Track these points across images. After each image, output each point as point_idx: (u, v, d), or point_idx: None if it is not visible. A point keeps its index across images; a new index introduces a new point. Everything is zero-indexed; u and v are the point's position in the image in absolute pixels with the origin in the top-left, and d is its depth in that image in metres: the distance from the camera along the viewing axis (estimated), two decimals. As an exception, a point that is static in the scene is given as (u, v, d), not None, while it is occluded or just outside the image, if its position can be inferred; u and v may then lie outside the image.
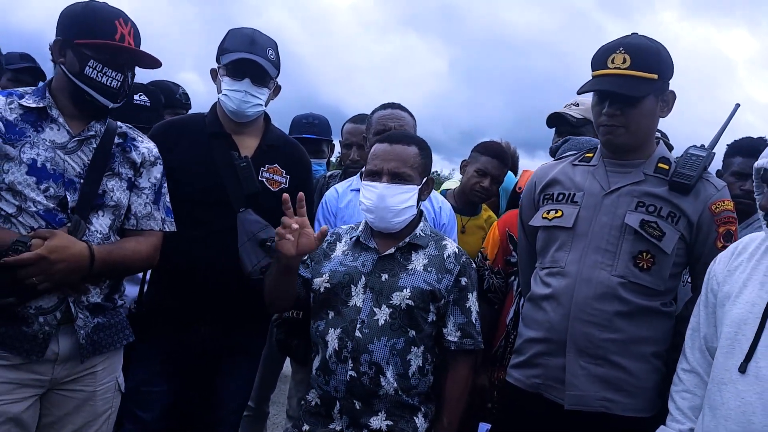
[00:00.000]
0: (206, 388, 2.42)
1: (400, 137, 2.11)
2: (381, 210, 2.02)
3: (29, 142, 1.84)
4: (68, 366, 1.91)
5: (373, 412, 1.97)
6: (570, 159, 2.20)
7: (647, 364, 1.94)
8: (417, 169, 2.07)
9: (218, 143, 2.35)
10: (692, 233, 1.95)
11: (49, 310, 1.84)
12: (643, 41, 1.98)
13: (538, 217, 2.13)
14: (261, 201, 2.33)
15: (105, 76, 1.89)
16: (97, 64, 1.88)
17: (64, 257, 1.78)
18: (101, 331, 1.98)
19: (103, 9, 1.92)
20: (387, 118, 2.64)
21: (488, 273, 2.58)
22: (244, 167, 2.31)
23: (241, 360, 2.44)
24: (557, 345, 1.97)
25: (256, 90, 2.32)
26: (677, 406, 1.76)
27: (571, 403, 1.93)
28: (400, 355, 1.97)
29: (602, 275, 1.94)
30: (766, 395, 1.50)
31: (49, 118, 1.90)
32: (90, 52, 1.87)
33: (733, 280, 1.69)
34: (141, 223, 2.06)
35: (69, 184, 1.88)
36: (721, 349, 1.64)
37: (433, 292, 2.01)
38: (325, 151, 3.68)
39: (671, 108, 2.05)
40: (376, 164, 2.04)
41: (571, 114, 2.92)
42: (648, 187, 1.98)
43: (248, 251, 2.23)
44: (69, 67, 1.89)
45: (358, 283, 2.02)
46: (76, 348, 1.91)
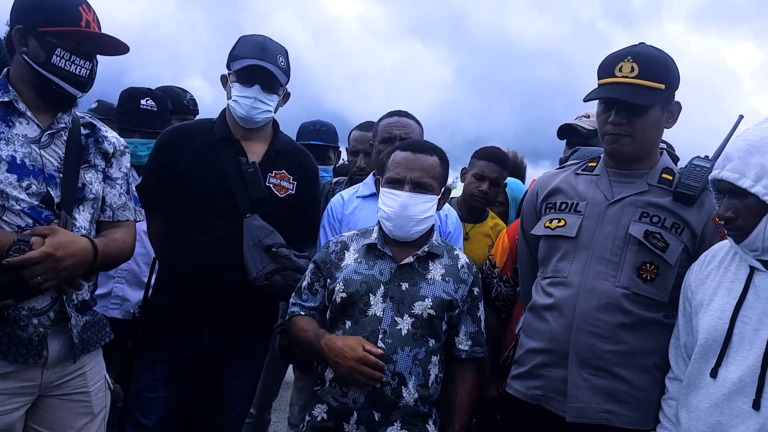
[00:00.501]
0: (211, 392, 2.42)
1: (423, 146, 2.12)
2: (402, 219, 2.03)
3: (4, 138, 1.77)
4: (57, 369, 1.88)
5: (389, 423, 1.97)
6: (573, 168, 2.18)
7: (649, 377, 1.92)
8: (437, 179, 2.09)
9: (227, 149, 2.37)
10: (696, 244, 1.94)
11: (42, 311, 1.80)
12: (652, 51, 1.98)
13: (540, 226, 2.12)
14: (268, 207, 2.34)
15: (73, 65, 1.82)
16: (65, 52, 1.80)
17: (71, 253, 1.75)
18: (89, 329, 1.96)
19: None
20: (393, 125, 2.64)
21: (497, 281, 2.56)
22: (252, 173, 2.32)
23: (245, 365, 2.44)
24: (559, 356, 1.95)
25: (265, 96, 2.34)
26: (665, 413, 1.83)
27: (573, 416, 1.91)
28: (422, 365, 1.98)
29: (606, 286, 1.92)
30: (732, 396, 1.59)
31: (17, 112, 1.83)
32: (56, 40, 1.79)
33: (705, 288, 1.75)
34: (117, 214, 2.04)
35: (50, 180, 1.83)
36: (696, 355, 1.71)
37: (451, 301, 2.04)
38: (332, 157, 3.70)
39: (676, 119, 2.04)
40: (399, 172, 2.05)
41: (582, 125, 2.92)
42: (652, 197, 1.96)
43: (254, 257, 2.24)
44: (33, 57, 1.80)
45: (376, 291, 2.02)
46: (66, 349, 1.88)
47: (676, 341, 1.85)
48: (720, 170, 1.63)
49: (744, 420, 1.56)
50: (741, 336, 1.62)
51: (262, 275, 2.22)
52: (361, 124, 3.25)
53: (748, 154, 1.58)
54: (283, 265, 2.25)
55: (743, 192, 1.59)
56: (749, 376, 1.58)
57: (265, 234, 2.27)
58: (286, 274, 2.25)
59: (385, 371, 1.93)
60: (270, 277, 2.21)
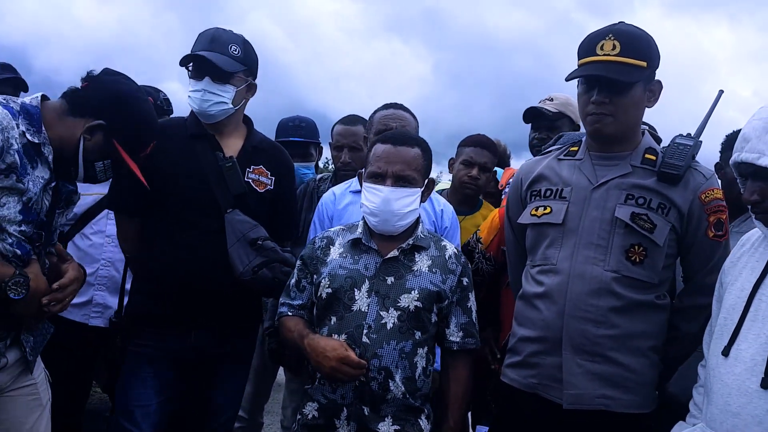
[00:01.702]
0: (199, 398, 2.37)
1: (403, 138, 2.08)
2: (386, 213, 2.00)
3: (31, 179, 1.79)
4: (10, 371, 1.88)
5: (380, 418, 1.95)
6: (555, 154, 2.17)
7: (645, 359, 1.92)
8: (420, 171, 2.05)
9: (202, 145, 2.31)
10: (683, 223, 1.93)
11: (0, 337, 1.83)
12: (633, 29, 1.96)
13: (526, 215, 2.10)
14: (247, 202, 2.29)
15: (102, 173, 1.95)
16: (108, 162, 1.94)
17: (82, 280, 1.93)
18: (36, 336, 1.97)
19: (151, 128, 2.00)
20: (389, 118, 2.61)
21: (479, 256, 2.55)
22: (230, 167, 2.27)
23: (233, 368, 2.40)
24: (553, 343, 1.94)
25: (216, 88, 2.26)
26: (694, 401, 1.76)
27: (570, 402, 1.91)
28: (408, 358, 1.96)
29: (595, 270, 1.91)
30: (742, 376, 1.51)
31: (41, 155, 1.84)
32: (115, 153, 1.91)
33: (734, 270, 1.69)
34: None
35: (40, 224, 1.87)
36: (714, 335, 1.65)
37: (439, 293, 2.01)
38: (313, 154, 3.63)
39: (657, 98, 2.02)
40: (380, 166, 2.01)
41: (547, 108, 2.92)
42: (636, 179, 1.95)
43: (239, 252, 2.19)
44: (87, 148, 1.88)
45: (361, 286, 1.99)
46: (22, 359, 1.91)
47: (709, 328, 1.77)
48: (739, 153, 1.57)
49: (752, 400, 1.48)
50: (755, 313, 1.55)
51: (249, 269, 2.17)
52: (343, 118, 3.18)
53: (766, 132, 1.52)
54: (269, 257, 2.20)
55: (766, 171, 1.52)
56: (760, 354, 1.49)
57: (248, 228, 2.22)
58: (273, 267, 2.21)
59: (371, 365, 1.92)
60: (257, 270, 2.17)
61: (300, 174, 3.46)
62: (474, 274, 2.47)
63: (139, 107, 1.95)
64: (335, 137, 3.12)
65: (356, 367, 1.89)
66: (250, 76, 2.37)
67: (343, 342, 1.93)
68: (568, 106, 2.95)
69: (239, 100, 2.33)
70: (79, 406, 2.98)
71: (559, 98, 2.98)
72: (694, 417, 1.73)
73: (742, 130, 1.61)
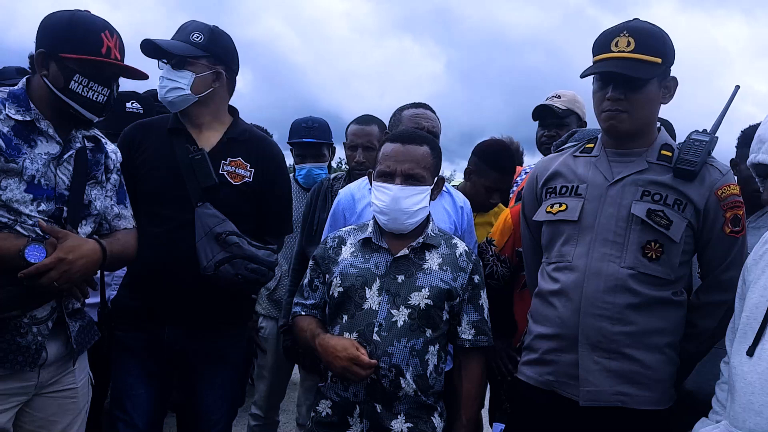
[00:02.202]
0: (189, 401, 2.37)
1: (412, 137, 2.08)
2: (395, 212, 2.00)
3: (28, 157, 1.82)
4: (51, 369, 1.92)
5: (393, 415, 1.95)
6: (570, 150, 2.16)
7: (662, 356, 1.91)
8: (429, 169, 2.05)
9: (178, 139, 2.31)
10: (699, 220, 1.92)
11: (42, 319, 1.85)
12: (647, 25, 1.96)
13: (541, 212, 2.10)
14: (221, 194, 2.26)
15: (91, 91, 1.86)
16: (83, 78, 1.84)
17: (82, 254, 1.82)
18: (82, 332, 2.01)
19: (88, 20, 1.87)
20: (421, 117, 2.61)
21: (493, 259, 2.54)
22: (199, 160, 2.25)
23: (217, 368, 2.36)
24: (569, 341, 1.94)
25: (174, 74, 2.24)
26: (717, 398, 1.75)
27: (587, 399, 1.90)
28: (419, 356, 1.96)
29: (611, 267, 1.91)
30: (765, 375, 1.49)
31: (37, 131, 1.87)
32: (75, 66, 1.83)
33: (757, 269, 1.67)
34: (113, 224, 2.10)
35: (59, 198, 1.88)
36: (738, 333, 1.63)
37: (449, 291, 2.01)
38: (326, 154, 3.64)
39: (673, 95, 2.02)
40: (389, 165, 2.02)
41: (556, 105, 2.93)
42: (652, 175, 1.95)
43: (204, 246, 2.17)
44: (53, 81, 1.85)
45: (372, 285, 2.00)
46: (63, 352, 1.93)
47: (732, 325, 1.76)
48: (756, 154, 1.57)
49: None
50: None
51: (212, 264, 2.14)
52: (358, 118, 3.19)
53: None
54: (232, 252, 2.16)
55: None
56: None
57: (215, 222, 2.19)
58: (236, 263, 2.16)
59: (382, 363, 1.93)
60: (219, 265, 2.14)
61: (313, 174, 3.48)
62: (488, 278, 2.45)
63: (61, 16, 1.87)
64: (350, 137, 3.13)
65: (366, 366, 1.90)
66: (219, 65, 2.31)
67: (353, 341, 1.94)
68: (575, 102, 2.96)
69: (201, 88, 2.28)
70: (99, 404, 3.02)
71: (566, 95, 2.99)
72: (717, 414, 1.71)
73: (758, 131, 1.60)
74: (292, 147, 3.64)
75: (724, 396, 1.70)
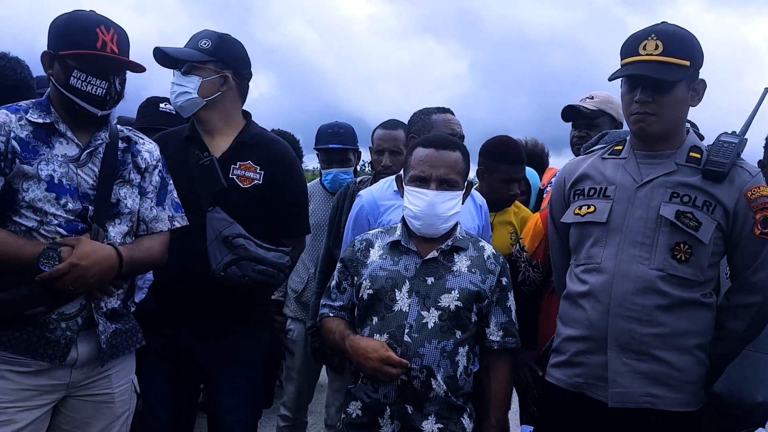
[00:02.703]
0: (210, 401, 2.44)
1: (445, 142, 2.11)
2: (430, 217, 2.02)
3: (44, 159, 1.88)
4: (85, 370, 1.96)
5: (423, 416, 1.98)
6: (599, 153, 2.17)
7: (691, 357, 1.91)
8: (461, 174, 2.08)
9: (192, 146, 2.38)
10: (729, 221, 1.91)
11: (71, 315, 1.89)
12: (675, 28, 1.96)
13: (569, 214, 2.11)
14: (231, 198, 2.32)
15: (90, 85, 1.89)
16: (81, 73, 1.88)
17: (95, 261, 1.84)
18: (118, 336, 2.03)
19: (84, 17, 1.92)
20: (453, 123, 2.65)
21: (525, 265, 2.54)
22: (207, 165, 2.32)
23: (232, 369, 2.40)
24: (598, 342, 1.94)
25: (182, 79, 2.33)
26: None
27: (615, 401, 1.91)
28: (449, 357, 1.98)
29: (640, 269, 1.91)
30: None
31: (57, 133, 1.93)
32: (73, 62, 1.88)
33: None
34: (150, 226, 2.12)
35: (84, 197, 1.93)
36: None
37: (478, 293, 2.03)
38: (352, 159, 3.67)
39: (701, 97, 2.02)
40: (424, 170, 2.04)
41: (585, 106, 2.92)
42: (681, 177, 1.95)
43: (214, 250, 2.22)
44: (56, 79, 1.91)
45: (402, 287, 2.03)
46: (95, 353, 1.96)
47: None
48: None
49: None
50: None
51: (220, 267, 2.20)
52: (384, 123, 3.23)
53: None
54: (239, 254, 2.20)
55: None
56: None
57: (224, 226, 2.25)
58: (242, 265, 2.20)
59: (413, 364, 1.95)
60: (226, 268, 2.18)
61: (339, 179, 3.52)
62: (521, 284, 2.47)
63: (60, 17, 1.93)
64: (376, 141, 3.17)
65: (398, 365, 1.92)
66: (226, 69, 2.38)
67: (383, 342, 1.96)
68: (609, 103, 2.94)
69: (209, 92, 2.34)
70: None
71: (599, 96, 2.97)
72: None
73: None
74: (319, 152, 3.68)
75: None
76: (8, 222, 1.84)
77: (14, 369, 1.84)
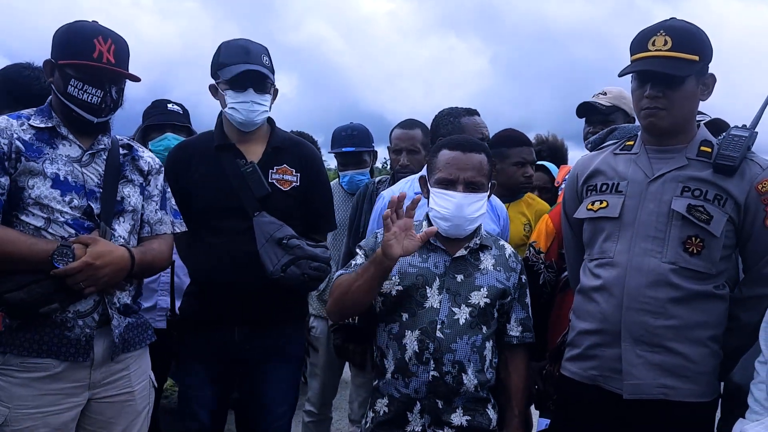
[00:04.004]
0: (250, 397, 2.50)
1: (471, 145, 2.14)
2: (458, 218, 2.06)
3: (48, 158, 1.94)
4: (103, 369, 2.01)
5: (452, 409, 2.03)
6: (611, 148, 2.20)
7: (705, 349, 1.93)
8: (486, 176, 2.12)
9: (226, 155, 2.44)
10: (740, 214, 1.93)
11: (86, 312, 1.95)
12: (684, 24, 1.98)
13: (582, 209, 2.14)
14: (274, 202, 2.40)
15: (86, 94, 1.95)
16: (78, 82, 1.95)
17: (109, 261, 1.91)
18: (131, 330, 2.10)
19: (83, 28, 1.98)
20: (481, 126, 2.70)
21: (542, 267, 2.56)
22: (251, 172, 2.39)
23: (279, 363, 2.49)
24: (612, 335, 1.97)
25: (259, 98, 2.40)
26: (755, 398, 1.75)
27: (630, 393, 1.94)
28: (479, 352, 2.05)
29: (652, 263, 1.94)
30: None
31: (60, 136, 1.99)
32: (71, 71, 1.94)
33: None
34: (154, 228, 2.19)
35: (90, 194, 1.98)
36: None
37: (504, 290, 2.10)
38: (367, 160, 3.69)
39: (711, 91, 2.03)
40: (452, 173, 2.07)
41: (600, 102, 2.93)
42: (692, 171, 1.97)
43: (268, 252, 2.30)
44: (56, 86, 1.98)
45: (432, 284, 2.08)
46: (110, 349, 2.01)
47: (766, 324, 1.77)
48: None
49: None
50: None
51: (279, 268, 2.28)
52: (402, 122, 3.26)
53: None
54: (296, 255, 2.31)
55: None
56: None
57: (275, 229, 2.33)
58: (301, 263, 2.31)
59: (445, 360, 2.00)
60: (286, 268, 2.28)
61: (356, 181, 3.56)
62: (543, 288, 2.50)
63: (62, 28, 2.00)
64: (394, 141, 3.21)
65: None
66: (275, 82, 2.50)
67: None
68: (622, 99, 2.95)
69: (270, 106, 2.48)
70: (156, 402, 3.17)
71: (612, 92, 2.99)
72: (757, 413, 1.72)
73: None
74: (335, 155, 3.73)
75: (762, 396, 1.71)
76: (16, 222, 1.89)
77: (34, 375, 1.88)
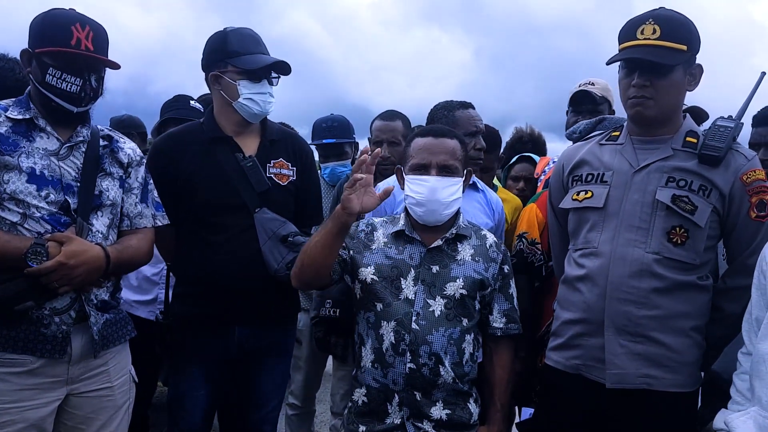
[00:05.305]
0: (244, 391, 2.46)
1: (443, 131, 2.14)
2: (432, 203, 2.04)
3: (24, 152, 1.89)
4: (81, 365, 1.97)
5: (431, 402, 2.01)
6: (597, 139, 2.19)
7: (687, 339, 1.94)
8: (460, 160, 2.10)
9: (221, 148, 2.37)
10: (725, 205, 1.94)
11: (63, 310, 1.91)
12: (673, 13, 1.98)
13: (568, 199, 2.14)
14: (273, 196, 2.35)
15: (64, 82, 1.90)
16: (56, 71, 1.89)
17: (83, 261, 1.86)
18: (110, 326, 2.05)
19: (60, 15, 1.92)
20: (476, 119, 2.67)
21: (540, 255, 2.53)
22: (251, 166, 2.33)
23: (274, 360, 2.47)
24: (595, 325, 1.97)
25: (270, 89, 2.37)
26: (737, 388, 1.75)
27: (613, 382, 1.94)
28: (456, 344, 2.02)
29: (636, 253, 1.94)
30: None
31: (37, 128, 1.94)
32: (48, 59, 1.89)
33: None
34: (134, 222, 2.14)
35: (67, 189, 1.93)
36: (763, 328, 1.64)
37: (482, 281, 2.07)
38: (348, 152, 3.66)
39: (698, 82, 2.03)
40: (424, 157, 2.06)
41: (594, 91, 2.94)
42: (677, 161, 1.97)
43: (271, 249, 2.27)
44: (34, 76, 1.92)
45: (407, 275, 2.05)
46: (88, 345, 1.97)
47: (749, 316, 1.78)
48: None
49: None
50: None
51: (284, 266, 2.25)
52: (383, 114, 3.22)
53: None
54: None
55: None
56: None
57: (278, 225, 2.29)
58: None
59: (422, 352, 1.98)
60: (291, 266, 2.21)
61: (337, 172, 3.53)
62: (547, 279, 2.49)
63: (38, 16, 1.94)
64: (374, 132, 3.16)
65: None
66: None
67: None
68: (608, 91, 2.96)
69: None
70: (147, 399, 3.12)
71: (599, 83, 2.99)
72: (739, 404, 1.72)
73: None
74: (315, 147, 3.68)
75: (745, 386, 1.71)
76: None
77: (11, 370, 1.85)
